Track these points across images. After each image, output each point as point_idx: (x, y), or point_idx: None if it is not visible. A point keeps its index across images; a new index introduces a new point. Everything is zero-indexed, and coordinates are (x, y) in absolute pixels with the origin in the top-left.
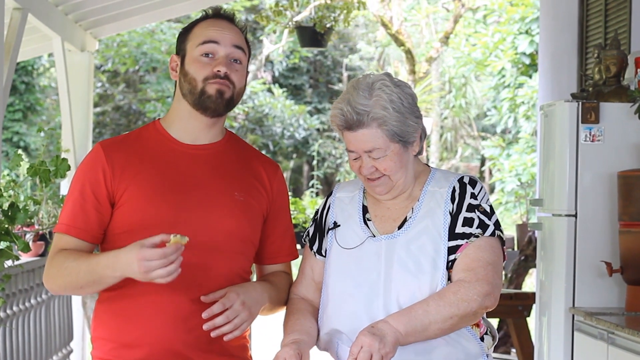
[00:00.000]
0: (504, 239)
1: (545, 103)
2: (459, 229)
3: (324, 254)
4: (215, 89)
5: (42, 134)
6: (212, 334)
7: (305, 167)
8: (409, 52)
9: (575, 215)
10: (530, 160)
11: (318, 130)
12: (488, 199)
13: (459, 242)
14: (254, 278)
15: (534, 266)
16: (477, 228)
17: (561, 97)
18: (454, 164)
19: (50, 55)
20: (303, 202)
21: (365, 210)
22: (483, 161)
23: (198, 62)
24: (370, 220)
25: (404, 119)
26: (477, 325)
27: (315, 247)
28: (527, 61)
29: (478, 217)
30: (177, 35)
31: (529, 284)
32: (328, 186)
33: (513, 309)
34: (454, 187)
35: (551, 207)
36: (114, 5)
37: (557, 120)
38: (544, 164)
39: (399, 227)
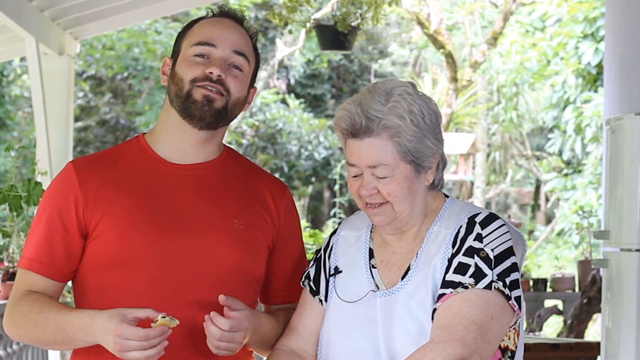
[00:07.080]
0: (510, 295)
1: (612, 117)
2: (450, 275)
3: (327, 301)
4: (202, 94)
5: (12, 153)
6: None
7: (326, 193)
8: (449, 56)
9: None
10: (597, 195)
11: (341, 149)
12: (502, 244)
13: (444, 290)
14: None
15: (599, 311)
16: (469, 277)
17: (631, 109)
18: (504, 188)
19: (22, 59)
20: (324, 233)
21: (372, 254)
22: (538, 186)
23: (189, 62)
24: (375, 267)
25: (421, 136)
26: None
27: (317, 292)
28: (594, 71)
29: (476, 264)
30: (174, 37)
31: (593, 331)
32: None
33: None
34: (459, 228)
35: (619, 241)
36: (99, 0)
37: (626, 137)
38: (610, 189)
39: (403, 277)
